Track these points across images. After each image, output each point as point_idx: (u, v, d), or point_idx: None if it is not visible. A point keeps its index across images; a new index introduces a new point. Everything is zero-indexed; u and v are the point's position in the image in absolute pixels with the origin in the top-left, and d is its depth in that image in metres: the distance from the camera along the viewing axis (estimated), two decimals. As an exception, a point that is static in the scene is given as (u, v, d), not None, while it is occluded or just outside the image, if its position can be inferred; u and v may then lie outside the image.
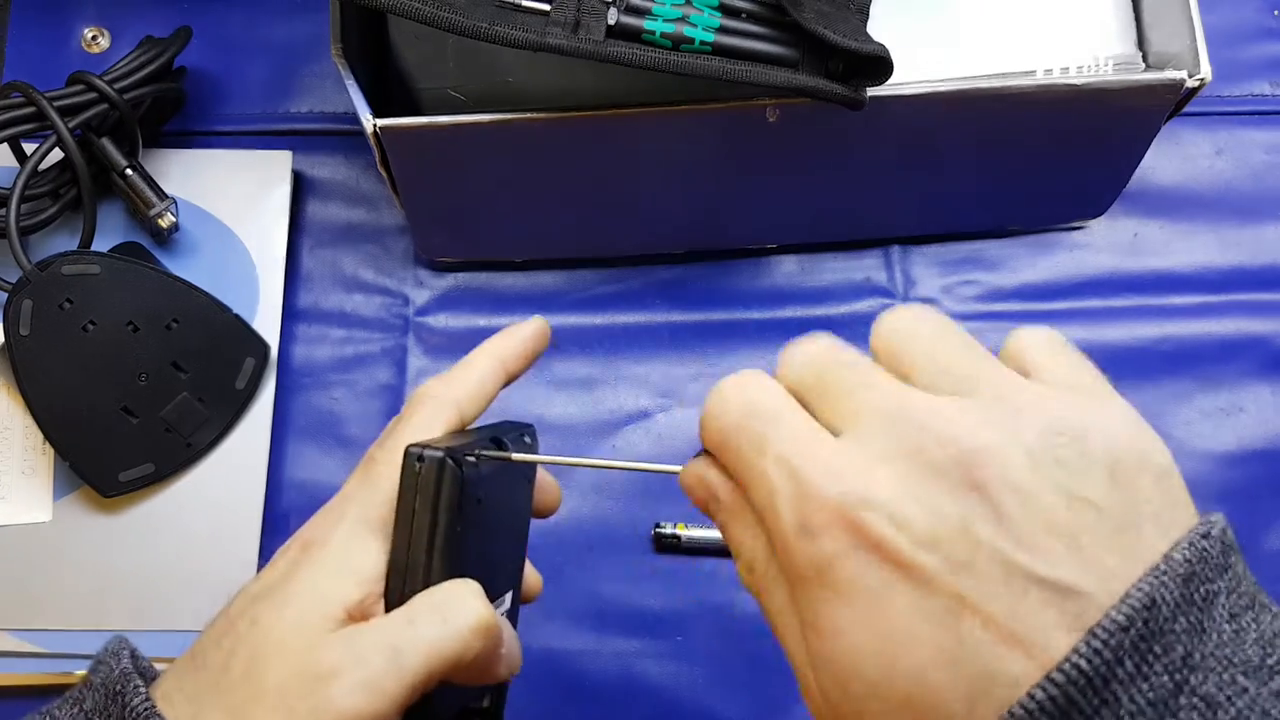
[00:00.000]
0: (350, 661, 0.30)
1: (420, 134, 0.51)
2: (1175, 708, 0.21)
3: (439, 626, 0.31)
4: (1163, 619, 0.22)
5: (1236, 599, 0.24)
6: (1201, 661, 0.22)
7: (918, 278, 0.62)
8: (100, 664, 0.32)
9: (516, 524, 0.41)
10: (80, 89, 0.55)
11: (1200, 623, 0.22)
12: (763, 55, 0.46)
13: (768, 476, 0.26)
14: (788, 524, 0.25)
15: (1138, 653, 0.21)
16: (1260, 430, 0.59)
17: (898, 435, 0.25)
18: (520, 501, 0.41)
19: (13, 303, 0.53)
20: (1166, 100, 0.52)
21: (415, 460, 0.33)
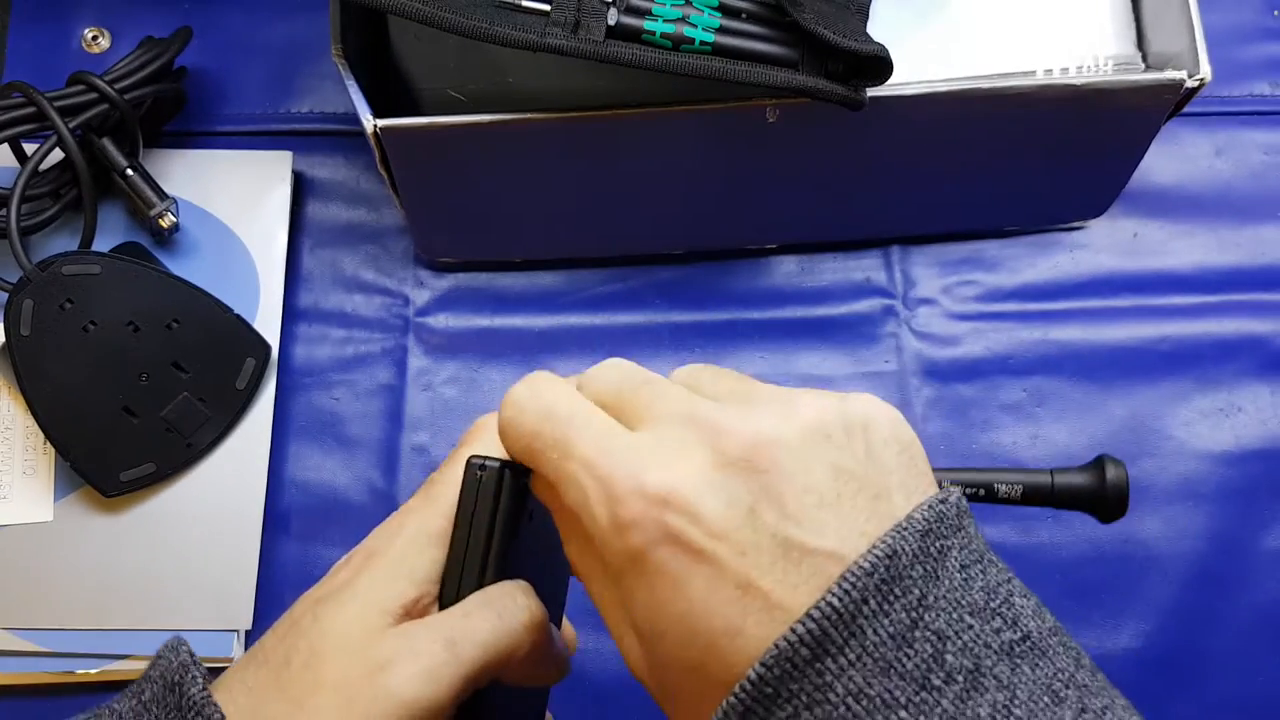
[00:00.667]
0: (408, 652, 0.31)
1: (420, 134, 0.51)
2: (911, 639, 0.26)
3: (493, 620, 0.32)
4: (902, 566, 0.26)
5: (967, 554, 0.27)
6: (935, 602, 0.26)
7: (917, 278, 0.62)
8: (159, 659, 0.33)
9: (557, 562, 0.41)
10: (81, 89, 0.55)
11: (935, 571, 0.26)
12: (762, 55, 0.46)
13: (577, 479, 0.29)
14: (602, 523, 0.28)
15: (879, 593, 0.26)
16: (1258, 430, 0.59)
17: (693, 432, 0.28)
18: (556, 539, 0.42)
19: (13, 303, 0.53)
20: (1166, 100, 0.52)
21: (477, 470, 0.34)
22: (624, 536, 0.28)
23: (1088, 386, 0.60)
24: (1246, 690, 0.56)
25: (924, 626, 0.26)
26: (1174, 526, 0.58)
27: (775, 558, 0.27)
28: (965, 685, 0.26)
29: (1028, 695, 0.26)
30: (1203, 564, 0.57)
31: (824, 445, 0.28)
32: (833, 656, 0.25)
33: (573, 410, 0.30)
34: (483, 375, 0.60)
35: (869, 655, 0.25)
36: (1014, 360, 0.60)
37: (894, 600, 0.26)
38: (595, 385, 0.31)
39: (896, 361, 0.60)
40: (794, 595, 0.26)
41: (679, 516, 0.27)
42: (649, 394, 0.30)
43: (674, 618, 0.27)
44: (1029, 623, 0.28)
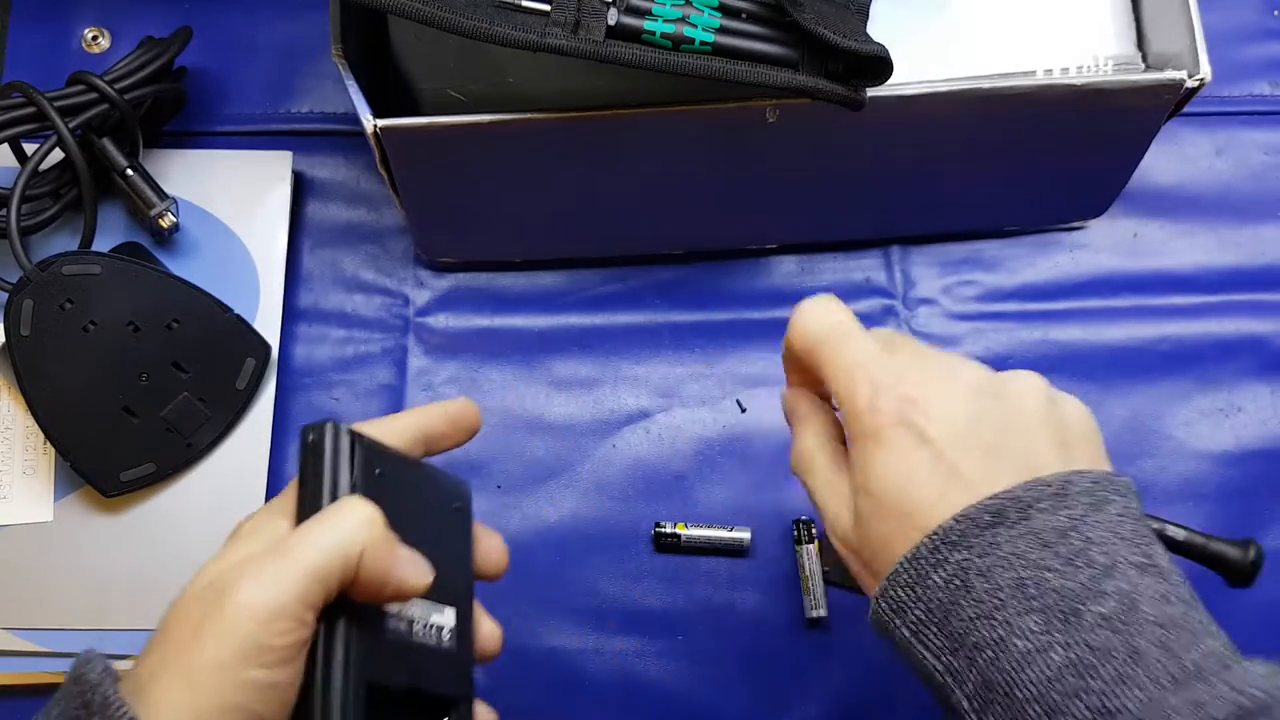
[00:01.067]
0: (247, 567, 0.34)
1: (420, 134, 0.51)
2: (1067, 534, 0.34)
3: (325, 526, 0.35)
4: (1073, 492, 0.35)
5: (1127, 510, 0.36)
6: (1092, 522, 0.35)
7: (917, 278, 0.62)
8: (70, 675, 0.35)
9: (450, 548, 0.42)
10: (81, 89, 0.55)
11: (1098, 506, 0.35)
12: (762, 55, 0.46)
13: (851, 375, 0.39)
14: (861, 405, 0.38)
15: (1052, 500, 0.35)
16: (1258, 430, 0.59)
17: (931, 363, 0.39)
18: (454, 533, 0.43)
19: (13, 303, 0.53)
20: (1166, 100, 0.52)
21: (308, 431, 0.37)
22: (876, 416, 0.37)
23: (1088, 386, 0.60)
24: (1246, 690, 0.56)
25: (1079, 531, 0.34)
26: (1174, 526, 0.58)
27: (981, 458, 0.36)
28: (1100, 572, 0.34)
29: (1147, 593, 0.34)
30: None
31: (1036, 400, 0.38)
32: (1007, 527, 0.34)
33: (854, 329, 0.40)
34: (483, 375, 0.60)
35: (1033, 534, 0.34)
36: (1014, 360, 0.60)
37: (1060, 509, 0.35)
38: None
39: (896, 361, 0.60)
40: (990, 486, 0.35)
41: (919, 414, 0.37)
42: (893, 338, 0.41)
43: (898, 478, 0.36)
44: (1161, 561, 0.36)
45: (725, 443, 0.59)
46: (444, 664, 0.40)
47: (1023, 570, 0.34)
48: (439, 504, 0.42)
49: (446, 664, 0.40)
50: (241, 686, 0.32)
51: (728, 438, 0.59)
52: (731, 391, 0.60)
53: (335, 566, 0.34)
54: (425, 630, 0.39)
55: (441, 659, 0.40)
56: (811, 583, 0.56)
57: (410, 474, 0.41)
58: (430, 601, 0.39)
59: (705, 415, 0.60)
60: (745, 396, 0.60)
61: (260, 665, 0.32)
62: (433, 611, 0.39)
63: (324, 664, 0.35)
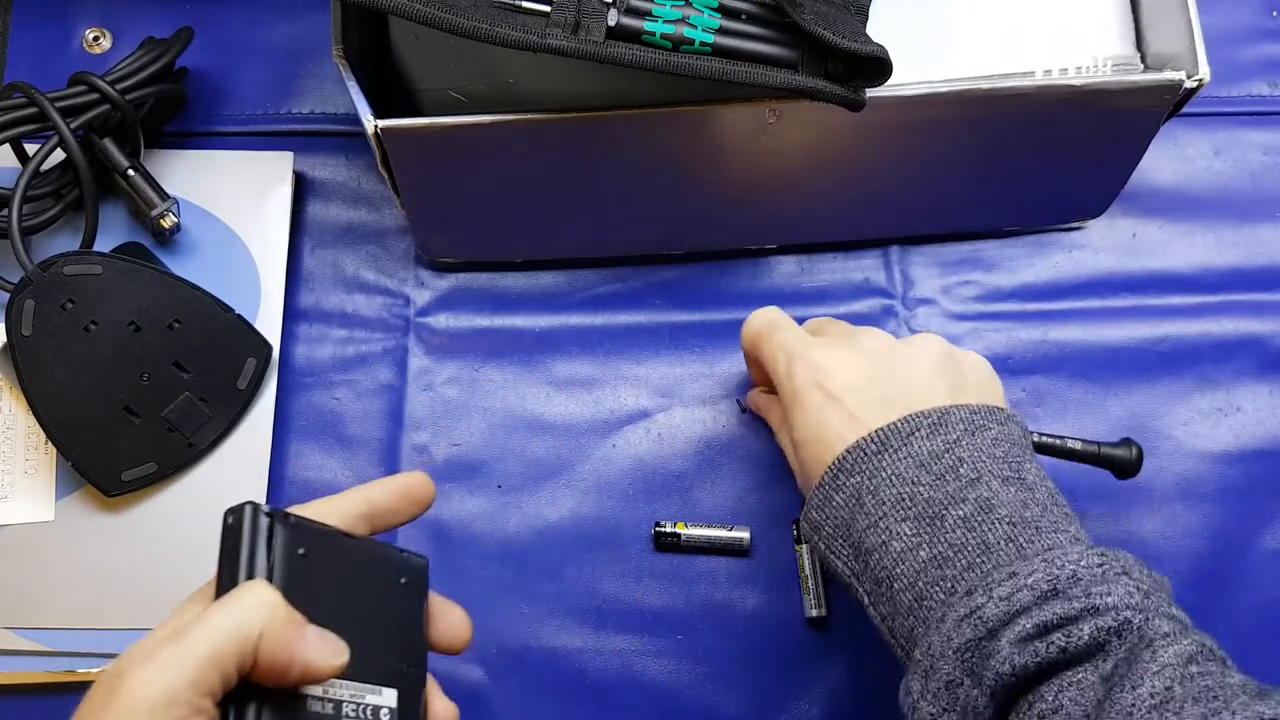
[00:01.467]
0: (141, 657, 0.34)
1: (421, 135, 0.51)
2: (941, 455, 0.42)
3: (220, 610, 0.35)
4: (951, 420, 0.43)
5: (1003, 435, 0.43)
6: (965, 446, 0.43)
7: (916, 278, 0.62)
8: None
9: (391, 626, 0.42)
10: (82, 90, 0.55)
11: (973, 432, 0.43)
12: (762, 56, 0.46)
13: (775, 355, 0.48)
14: (781, 373, 0.47)
15: (929, 429, 0.43)
16: (1257, 430, 0.59)
17: (843, 341, 0.48)
18: (399, 609, 0.42)
19: (15, 303, 0.54)
20: (1165, 101, 0.53)
21: (228, 514, 0.37)
22: (792, 380, 0.46)
23: (1087, 386, 0.60)
24: (1245, 689, 0.56)
25: (953, 453, 0.42)
26: (1173, 526, 0.58)
27: (877, 405, 0.44)
28: (965, 483, 0.41)
29: (1006, 500, 0.41)
30: (1202, 563, 0.57)
31: (933, 356, 0.46)
32: (890, 453, 0.42)
33: (782, 322, 0.50)
34: (483, 375, 0.60)
35: (911, 457, 0.42)
36: (1013, 360, 0.60)
37: (937, 435, 0.42)
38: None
39: (896, 361, 0.60)
40: (873, 426, 0.43)
41: (825, 375, 0.45)
42: (822, 325, 0.52)
43: (814, 428, 0.45)
44: (1029, 475, 0.42)
45: (725, 443, 0.59)
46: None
47: (901, 486, 0.42)
48: (380, 581, 0.41)
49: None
50: None
51: (728, 438, 0.59)
52: (731, 391, 0.60)
53: (231, 651, 0.34)
54: (359, 712, 0.38)
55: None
56: (811, 582, 0.56)
57: (345, 553, 0.40)
58: (363, 683, 0.39)
59: (705, 415, 0.60)
60: (745, 396, 0.60)
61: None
62: (367, 693, 0.39)
63: None
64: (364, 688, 0.39)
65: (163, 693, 0.33)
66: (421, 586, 0.43)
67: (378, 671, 0.39)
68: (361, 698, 0.39)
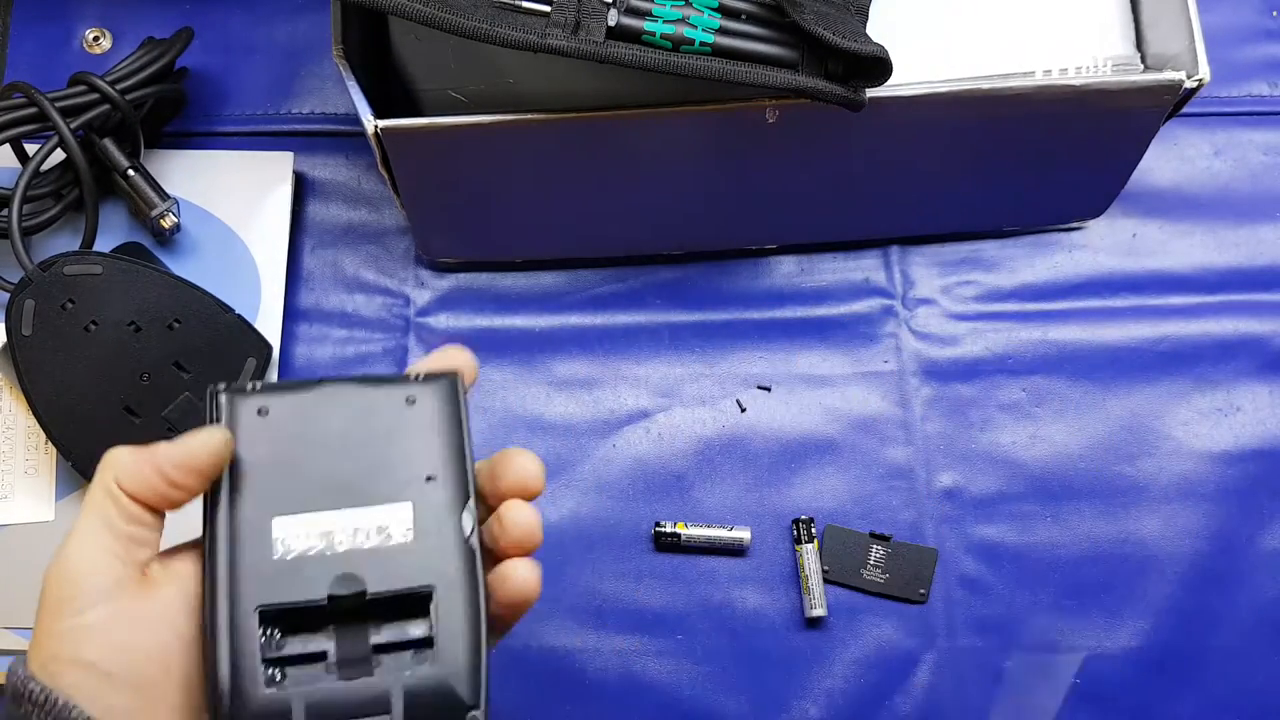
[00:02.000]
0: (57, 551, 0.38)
1: (421, 135, 0.51)
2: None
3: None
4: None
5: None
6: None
7: (916, 278, 0.62)
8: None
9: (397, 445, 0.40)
10: (82, 90, 0.55)
11: None
12: (762, 56, 0.46)
13: None
14: None
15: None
16: (1257, 430, 0.59)
17: None
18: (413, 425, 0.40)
19: (15, 303, 0.54)
20: (1165, 101, 0.53)
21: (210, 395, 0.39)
22: None
23: (1087, 386, 0.60)
24: (1245, 689, 0.56)
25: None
26: (1173, 526, 0.58)
27: None
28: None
29: None
30: (1201, 563, 0.58)
31: None
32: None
33: None
34: (483, 375, 0.60)
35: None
36: (1013, 360, 0.60)
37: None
38: None
39: (896, 361, 0.60)
40: None
41: None
42: None
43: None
44: None
45: (725, 443, 0.59)
46: (408, 557, 0.38)
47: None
48: (371, 411, 0.40)
49: (414, 557, 0.38)
50: (62, 636, 0.36)
51: (728, 438, 0.59)
52: (731, 391, 0.60)
53: (105, 508, 0.37)
54: (362, 534, 0.38)
55: (400, 554, 0.38)
56: (811, 582, 0.56)
57: (320, 399, 0.40)
58: (361, 508, 0.38)
59: (705, 415, 0.60)
60: (745, 396, 0.60)
61: (62, 617, 0.36)
62: (366, 516, 0.38)
63: (208, 601, 0.37)
64: (363, 513, 0.38)
65: (59, 565, 0.37)
66: (440, 400, 0.41)
67: (379, 493, 0.39)
68: (361, 521, 0.38)
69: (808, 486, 0.59)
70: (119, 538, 0.37)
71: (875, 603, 0.57)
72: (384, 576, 0.37)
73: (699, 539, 0.57)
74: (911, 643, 0.57)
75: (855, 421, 0.60)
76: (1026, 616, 0.57)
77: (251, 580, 0.37)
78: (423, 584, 0.38)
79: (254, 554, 0.37)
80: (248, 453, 0.38)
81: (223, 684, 0.36)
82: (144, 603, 0.37)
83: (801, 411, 0.60)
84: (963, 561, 0.58)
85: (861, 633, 0.57)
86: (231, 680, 0.36)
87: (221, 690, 0.36)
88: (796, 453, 0.59)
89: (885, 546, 0.57)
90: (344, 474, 0.39)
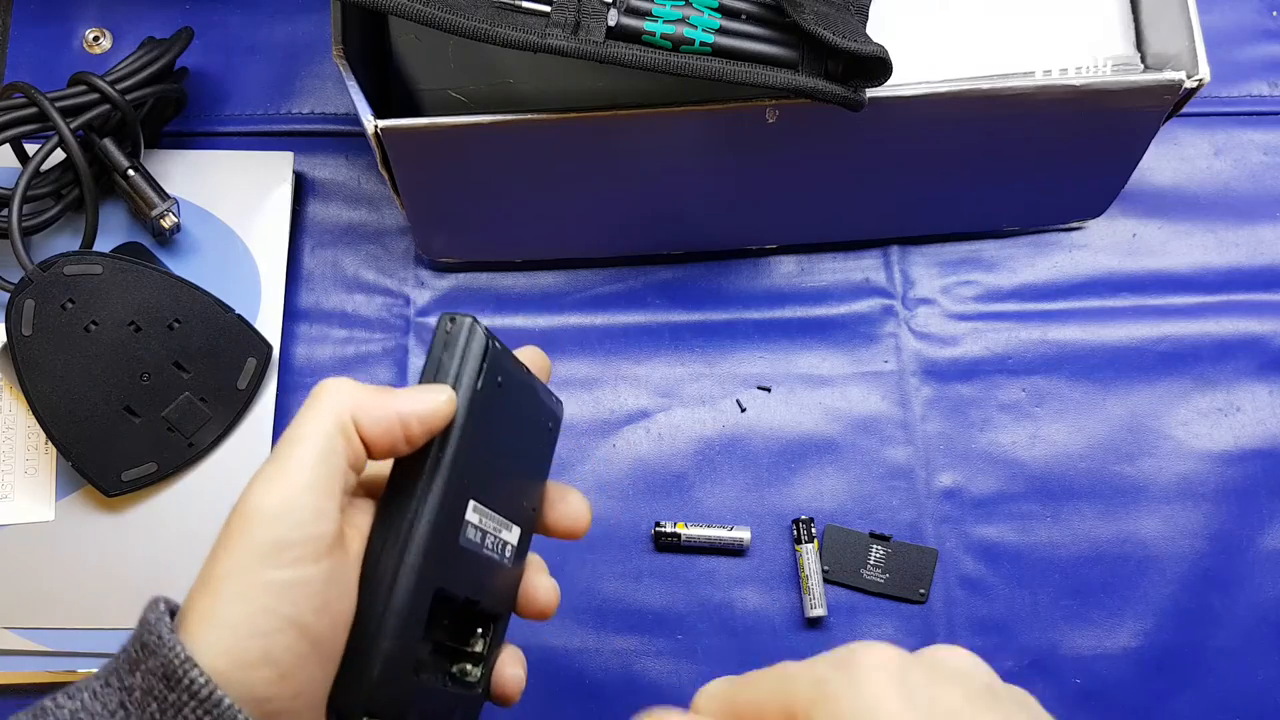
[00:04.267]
0: (254, 483, 0.33)
1: (421, 135, 0.51)
2: None
3: (309, 411, 0.34)
4: None
5: None
6: None
7: (917, 278, 0.62)
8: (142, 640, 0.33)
9: (530, 466, 0.42)
10: (82, 90, 0.55)
11: None
12: (762, 56, 0.46)
13: None
14: None
15: None
16: (1257, 430, 0.59)
17: None
18: (541, 450, 0.42)
19: (15, 303, 0.54)
20: (1165, 101, 0.53)
21: (447, 320, 0.37)
22: None
23: (1086, 386, 0.60)
24: (1245, 689, 0.56)
25: None
26: (1173, 526, 0.58)
27: None
28: None
29: None
30: (1201, 564, 0.58)
31: None
32: None
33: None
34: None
35: None
36: (1013, 360, 0.60)
37: None
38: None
39: (896, 361, 0.60)
40: None
41: None
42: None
43: None
44: None
45: (725, 443, 0.59)
46: (502, 580, 0.40)
47: None
48: (536, 422, 0.41)
49: (503, 580, 0.40)
50: (263, 589, 0.31)
51: (728, 438, 0.59)
52: (731, 391, 0.60)
53: (335, 445, 0.33)
54: (495, 545, 0.39)
55: (501, 575, 0.40)
56: (811, 582, 0.56)
57: (525, 389, 0.40)
58: (502, 517, 0.39)
59: (705, 415, 0.60)
60: (745, 396, 0.60)
61: (279, 565, 0.32)
62: (503, 528, 0.39)
63: (394, 569, 0.34)
64: (502, 521, 0.39)
65: (279, 501, 0.32)
66: (556, 433, 0.43)
67: (512, 509, 0.40)
68: (499, 532, 0.39)
69: (808, 486, 0.59)
70: (343, 483, 0.33)
71: (875, 603, 0.57)
72: (492, 595, 0.39)
73: (699, 539, 0.57)
74: (912, 643, 0.57)
75: (855, 421, 0.60)
76: (1026, 617, 0.57)
77: (438, 561, 0.35)
78: (501, 610, 0.41)
79: (446, 533, 0.36)
80: (469, 426, 0.36)
81: (385, 660, 0.34)
82: (345, 561, 0.33)
83: (801, 411, 0.60)
84: (963, 561, 0.58)
85: (861, 633, 0.57)
86: (393, 660, 0.34)
87: (381, 664, 0.34)
88: (796, 453, 0.59)
89: (885, 546, 0.57)
90: (503, 476, 0.39)
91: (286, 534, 0.32)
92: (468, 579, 0.37)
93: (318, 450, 0.33)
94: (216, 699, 0.30)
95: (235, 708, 0.30)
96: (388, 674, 0.34)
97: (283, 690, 0.31)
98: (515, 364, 0.39)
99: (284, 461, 0.33)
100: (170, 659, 0.30)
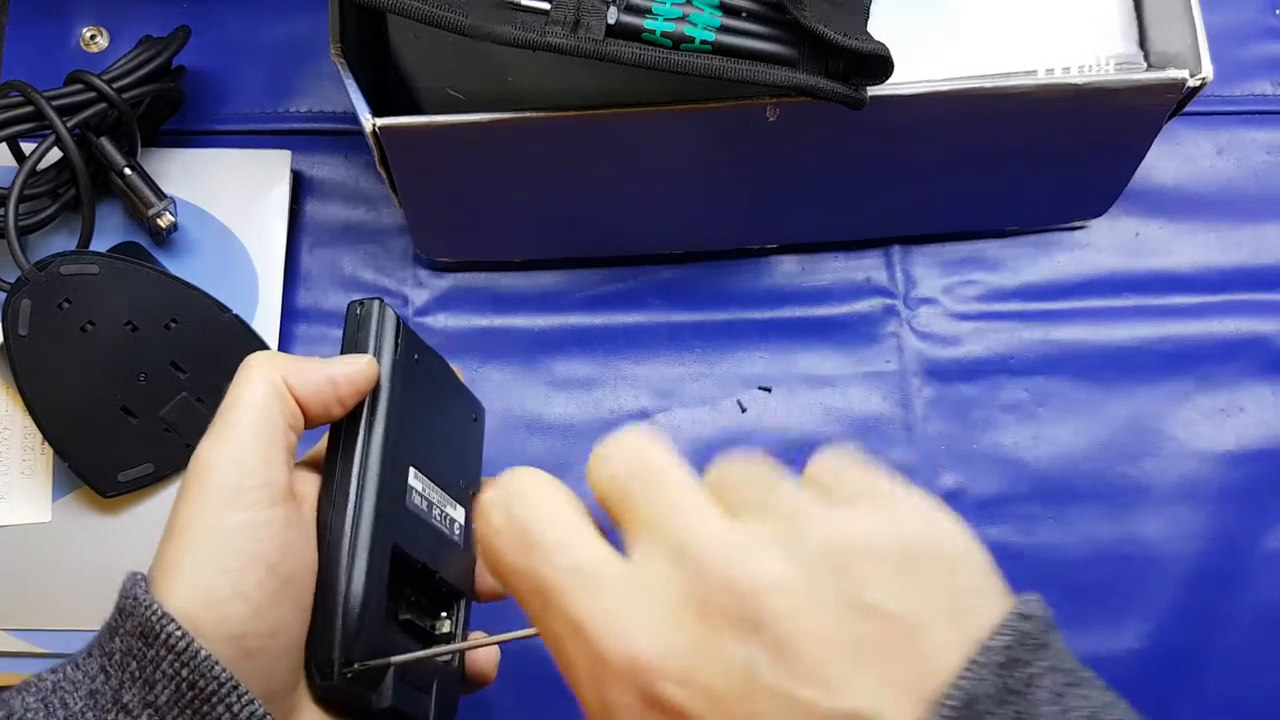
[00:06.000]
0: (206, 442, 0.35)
1: (420, 133, 0.51)
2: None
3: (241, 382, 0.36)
4: (981, 713, 0.21)
5: (1060, 677, 0.23)
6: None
7: (918, 278, 0.62)
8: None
9: (463, 453, 0.43)
10: (79, 88, 0.55)
11: (1023, 711, 0.22)
12: (763, 54, 0.46)
13: (556, 633, 0.25)
14: (581, 678, 0.25)
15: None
16: (1260, 430, 0.59)
17: (682, 579, 0.24)
18: (471, 440, 0.44)
19: (11, 303, 0.53)
20: (1168, 100, 0.52)
21: (356, 305, 0.39)
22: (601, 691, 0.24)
23: (1089, 386, 0.60)
24: (1248, 690, 0.56)
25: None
26: (1175, 527, 0.58)
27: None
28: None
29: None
30: (1204, 564, 0.57)
31: (838, 580, 0.23)
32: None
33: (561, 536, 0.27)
34: (483, 375, 0.60)
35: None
36: (1015, 360, 0.60)
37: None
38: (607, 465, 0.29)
39: (897, 361, 0.60)
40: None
41: (669, 686, 0.23)
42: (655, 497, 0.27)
43: None
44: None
45: (725, 443, 0.59)
46: (454, 555, 0.41)
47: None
48: (459, 411, 0.43)
49: (456, 556, 0.41)
50: (227, 531, 0.33)
51: (728, 438, 0.59)
52: (731, 391, 0.60)
53: (271, 405, 0.35)
54: (441, 517, 0.40)
55: (452, 550, 0.40)
56: (812, 583, 0.56)
57: (443, 375, 0.42)
58: (446, 493, 0.40)
59: (705, 416, 0.59)
60: (746, 397, 0.60)
61: (239, 508, 0.33)
62: (447, 504, 0.40)
63: (349, 522, 0.35)
64: (445, 497, 0.40)
65: (231, 454, 0.34)
66: (482, 427, 0.45)
67: (452, 486, 0.41)
68: (444, 506, 0.40)
69: (809, 487, 0.58)
70: (285, 441, 0.35)
71: (876, 604, 0.57)
72: (449, 569, 0.40)
73: (699, 540, 0.57)
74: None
75: (857, 422, 0.59)
76: (1028, 618, 0.57)
77: (388, 518, 0.37)
78: (460, 590, 0.41)
79: (392, 492, 0.37)
80: (395, 390, 0.38)
81: (352, 607, 0.35)
82: (301, 512, 0.35)
83: (803, 412, 0.59)
84: (964, 563, 0.57)
85: (863, 634, 0.57)
86: (361, 607, 0.35)
87: (350, 611, 0.34)
88: (797, 453, 0.59)
89: (886, 548, 0.57)
90: (437, 449, 0.40)
91: (241, 480, 0.33)
92: (422, 544, 0.38)
93: (257, 411, 0.35)
94: (193, 651, 0.31)
95: (212, 658, 0.30)
96: (360, 622, 0.35)
97: (258, 626, 0.32)
98: (428, 349, 0.41)
99: (226, 424, 0.35)
100: (148, 617, 0.31)
